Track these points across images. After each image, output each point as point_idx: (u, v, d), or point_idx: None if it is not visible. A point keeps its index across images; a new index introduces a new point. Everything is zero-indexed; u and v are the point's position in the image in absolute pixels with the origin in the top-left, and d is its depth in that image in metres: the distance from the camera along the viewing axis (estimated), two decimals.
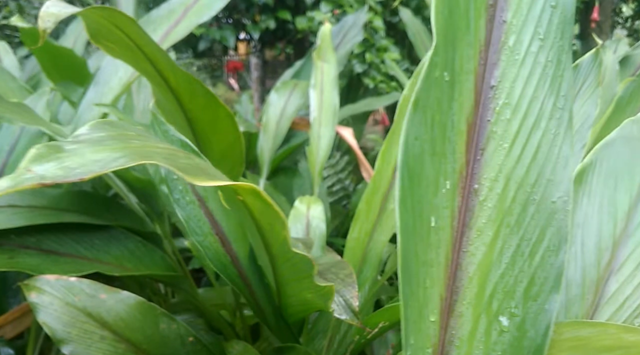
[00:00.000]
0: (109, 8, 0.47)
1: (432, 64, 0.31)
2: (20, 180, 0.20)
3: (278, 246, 0.36)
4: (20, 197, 0.80)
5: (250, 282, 0.55)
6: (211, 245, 0.53)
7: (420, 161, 0.29)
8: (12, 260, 0.72)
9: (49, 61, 1.27)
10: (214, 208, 0.53)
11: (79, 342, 0.70)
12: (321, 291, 0.40)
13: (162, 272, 0.92)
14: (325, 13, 2.36)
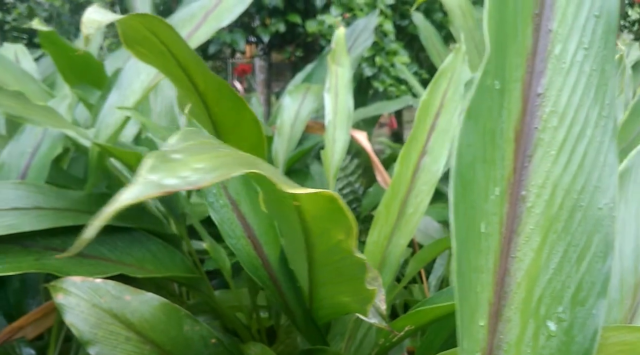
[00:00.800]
0: (149, 15, 0.48)
1: (485, 73, 0.31)
2: (146, 189, 0.20)
3: (324, 250, 0.37)
4: (45, 199, 0.81)
5: (280, 285, 0.55)
6: (244, 248, 0.53)
7: (472, 168, 0.30)
8: (38, 261, 0.73)
9: (67, 64, 1.28)
10: (246, 211, 0.54)
11: (105, 343, 0.70)
12: (362, 295, 0.40)
13: (182, 273, 0.93)
14: (336, 17, 2.37)
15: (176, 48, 0.54)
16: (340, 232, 0.32)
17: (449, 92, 0.90)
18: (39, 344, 1.01)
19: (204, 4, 1.03)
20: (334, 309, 0.50)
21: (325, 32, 2.41)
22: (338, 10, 2.40)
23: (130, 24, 0.49)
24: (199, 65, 0.57)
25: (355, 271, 0.37)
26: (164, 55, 0.59)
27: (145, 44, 0.56)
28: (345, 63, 1.41)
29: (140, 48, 0.57)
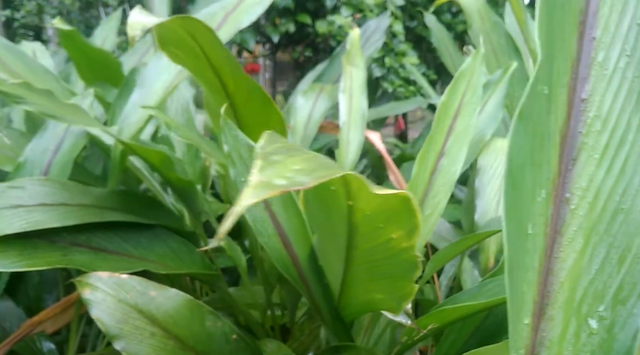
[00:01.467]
0: (190, 17, 0.49)
1: (536, 78, 0.32)
2: (264, 190, 0.21)
3: (368, 248, 0.38)
4: (70, 196, 0.82)
5: (308, 282, 0.56)
6: (275, 246, 0.54)
7: (521, 171, 0.31)
8: (65, 257, 0.74)
9: (85, 62, 1.29)
10: (277, 210, 0.55)
11: (130, 338, 0.71)
12: (401, 292, 0.41)
13: (201, 270, 0.94)
14: (346, 17, 2.38)
15: (212, 50, 0.55)
16: (397, 231, 0.33)
17: (467, 95, 0.91)
18: (58, 338, 1.02)
19: (224, 5, 1.04)
20: (364, 306, 0.51)
21: (335, 33, 2.42)
22: (348, 10, 2.41)
23: (169, 26, 0.50)
24: (233, 67, 0.58)
25: (404, 269, 0.38)
26: (197, 57, 0.60)
27: (180, 45, 0.57)
28: (360, 64, 1.42)
29: (175, 49, 0.59)
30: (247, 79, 0.62)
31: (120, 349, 0.71)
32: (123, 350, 0.71)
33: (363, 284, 0.45)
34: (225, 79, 0.64)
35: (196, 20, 0.50)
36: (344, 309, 0.54)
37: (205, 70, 0.63)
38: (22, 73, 0.97)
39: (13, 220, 0.71)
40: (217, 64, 0.60)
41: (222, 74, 0.63)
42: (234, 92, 0.67)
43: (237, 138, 0.57)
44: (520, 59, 1.08)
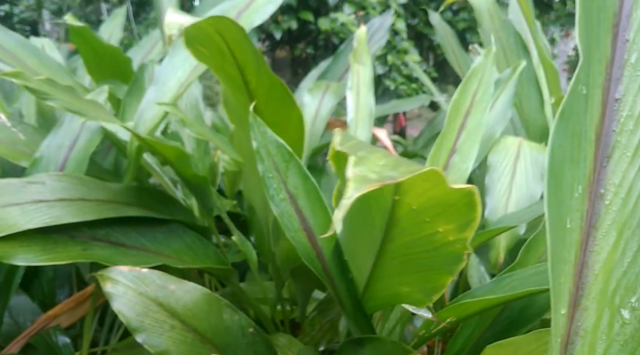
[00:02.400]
0: (223, 17, 0.50)
1: (577, 79, 0.34)
2: (365, 183, 0.23)
3: (406, 242, 0.39)
4: (88, 191, 0.83)
5: (332, 275, 0.58)
6: (301, 240, 0.56)
7: (561, 167, 0.32)
8: (85, 251, 0.75)
9: (94, 58, 1.30)
10: (303, 205, 0.56)
11: (151, 330, 0.73)
12: (433, 285, 0.43)
13: (215, 265, 0.95)
14: (349, 15, 2.39)
15: (239, 48, 0.56)
16: (446, 224, 0.34)
17: (479, 93, 0.92)
18: (72, 332, 1.03)
19: (236, 3, 1.05)
20: (389, 299, 0.53)
21: (337, 30, 2.44)
22: (351, 8, 2.42)
23: (199, 25, 0.51)
24: (259, 64, 0.59)
25: (445, 262, 0.39)
26: (222, 55, 0.61)
27: (206, 43, 0.58)
28: (367, 62, 1.43)
29: (201, 47, 0.60)
30: (270, 75, 0.63)
31: (141, 341, 0.72)
32: (144, 343, 0.72)
33: (392, 277, 0.46)
34: (248, 77, 0.65)
35: (228, 20, 0.51)
36: (368, 301, 0.56)
37: (229, 68, 0.64)
38: (37, 68, 0.97)
39: (35, 215, 0.72)
40: (241, 61, 0.61)
41: (246, 71, 0.64)
42: (256, 89, 0.68)
43: (266, 135, 0.58)
44: (528, 57, 1.10)
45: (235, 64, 0.62)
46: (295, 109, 0.70)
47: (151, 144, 0.83)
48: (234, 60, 0.61)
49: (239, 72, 0.65)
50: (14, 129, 0.96)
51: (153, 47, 1.74)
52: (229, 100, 0.76)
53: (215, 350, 0.78)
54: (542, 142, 1.12)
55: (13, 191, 0.74)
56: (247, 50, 0.57)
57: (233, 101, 0.76)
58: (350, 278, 0.56)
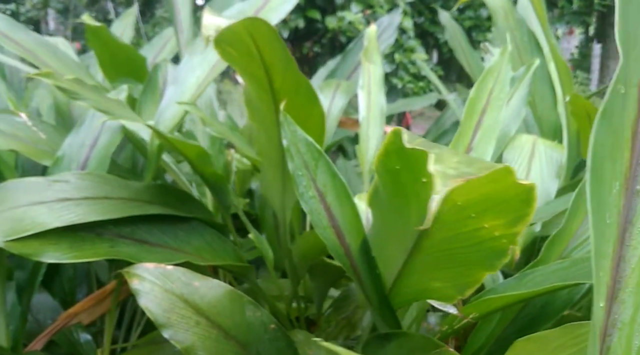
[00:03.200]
0: (258, 18, 0.51)
1: (617, 78, 0.35)
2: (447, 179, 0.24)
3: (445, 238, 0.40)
4: (111, 189, 0.84)
5: (359, 271, 0.59)
6: (329, 236, 0.57)
7: (602, 164, 0.34)
8: (112, 248, 0.77)
9: (109, 58, 1.31)
10: (331, 202, 0.57)
11: (177, 327, 0.74)
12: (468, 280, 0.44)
13: (234, 262, 0.97)
14: (356, 13, 2.40)
15: (268, 48, 0.57)
16: (494, 220, 0.35)
17: (494, 91, 0.93)
18: (92, 329, 1.04)
19: (253, 2, 1.06)
20: (418, 295, 0.54)
21: (345, 29, 2.44)
22: (358, 7, 2.43)
23: (233, 26, 0.52)
24: (287, 64, 0.60)
25: (487, 257, 0.40)
26: (250, 56, 0.62)
27: (236, 44, 0.59)
28: (378, 61, 1.44)
29: (229, 48, 0.61)
30: (297, 75, 0.64)
31: (168, 337, 0.73)
32: (171, 339, 0.73)
33: (424, 272, 0.47)
34: (274, 76, 0.66)
35: (262, 21, 0.53)
36: (395, 297, 0.57)
37: (255, 68, 0.65)
38: (57, 67, 0.98)
39: (62, 214, 0.73)
40: (269, 61, 0.62)
41: (272, 70, 0.65)
42: (280, 88, 0.69)
43: (296, 133, 0.60)
44: (542, 56, 1.11)
45: (262, 64, 0.64)
46: (318, 107, 0.71)
47: (173, 143, 0.84)
48: (261, 60, 0.63)
49: (265, 71, 0.66)
50: (35, 128, 0.97)
51: (164, 46, 1.76)
52: (251, 99, 0.77)
53: (238, 347, 0.80)
54: (555, 139, 1.13)
55: (39, 190, 0.76)
56: (276, 51, 0.58)
57: (255, 100, 0.77)
58: (378, 273, 0.57)
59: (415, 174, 0.34)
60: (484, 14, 3.12)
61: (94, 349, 0.96)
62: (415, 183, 0.35)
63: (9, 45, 0.95)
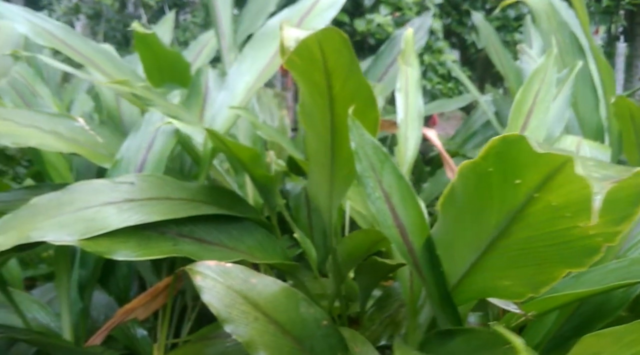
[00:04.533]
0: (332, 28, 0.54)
1: None
2: (597, 182, 0.26)
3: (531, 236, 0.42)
4: (172, 190, 0.88)
5: (421, 269, 0.61)
6: (394, 236, 0.59)
7: None
8: (175, 247, 0.80)
9: (155, 64, 1.35)
10: (396, 203, 0.60)
11: (238, 322, 0.77)
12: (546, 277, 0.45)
13: (283, 261, 1.00)
14: (385, 16, 2.41)
15: (334, 56, 0.60)
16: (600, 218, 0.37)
17: (541, 93, 0.94)
18: (145, 325, 1.08)
19: (299, 9, 1.09)
20: (483, 293, 0.56)
21: (374, 31, 2.46)
22: (387, 9, 2.44)
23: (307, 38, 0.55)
24: (349, 71, 0.63)
25: (577, 254, 0.42)
26: (313, 62, 0.65)
27: (302, 52, 0.62)
28: (415, 63, 1.45)
29: (294, 56, 0.63)
30: (359, 81, 0.66)
31: (230, 331, 0.76)
32: (232, 333, 0.76)
33: (495, 270, 0.49)
34: (334, 82, 0.69)
35: (335, 30, 0.55)
36: (458, 294, 0.59)
37: (316, 74, 0.68)
38: (112, 73, 1.03)
39: (130, 213, 0.77)
40: (332, 67, 0.65)
41: (333, 77, 0.67)
42: (338, 93, 0.71)
43: (364, 137, 0.62)
44: (584, 58, 1.11)
45: (324, 70, 0.66)
46: (374, 112, 0.73)
47: (229, 146, 0.88)
48: (324, 66, 0.65)
49: (326, 77, 0.68)
50: (92, 132, 1.01)
51: (201, 51, 1.80)
52: (305, 103, 0.79)
53: (294, 342, 0.82)
54: (597, 140, 1.13)
55: (107, 191, 0.80)
56: (342, 58, 0.61)
57: (310, 104, 0.80)
58: (441, 271, 0.59)
59: (508, 176, 0.36)
60: (512, 15, 3.11)
61: (150, 344, 0.99)
62: (505, 185, 0.38)
63: (67, 52, 1.00)
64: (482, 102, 1.94)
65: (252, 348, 0.76)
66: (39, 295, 1.14)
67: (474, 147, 2.15)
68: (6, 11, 0.97)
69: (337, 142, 0.84)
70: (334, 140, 0.84)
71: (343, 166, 0.89)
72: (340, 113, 0.77)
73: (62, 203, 0.74)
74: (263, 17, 1.64)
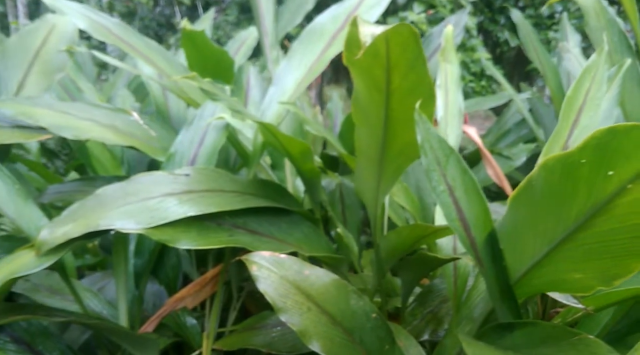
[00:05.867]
0: (404, 24, 0.55)
1: None
2: None
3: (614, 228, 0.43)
4: (225, 183, 0.90)
5: (483, 263, 0.62)
6: (458, 229, 0.60)
7: None
8: (231, 237, 0.83)
9: (199, 60, 1.38)
10: (459, 196, 0.61)
11: (293, 311, 0.79)
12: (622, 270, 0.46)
13: (328, 254, 1.01)
14: (418, 14, 2.41)
15: (400, 51, 0.61)
16: None
17: (591, 90, 0.94)
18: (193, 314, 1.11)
19: (346, 7, 1.11)
20: (549, 286, 0.56)
21: None
22: (420, 7, 2.44)
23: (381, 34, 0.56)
24: (411, 66, 0.64)
25: None
26: (375, 57, 0.66)
27: (368, 48, 0.63)
28: (454, 60, 1.46)
29: (357, 50, 0.65)
30: (420, 77, 0.67)
31: (285, 320, 0.78)
32: (287, 322, 0.78)
33: (567, 263, 0.50)
34: (393, 77, 0.70)
35: (405, 25, 0.56)
36: (520, 287, 0.59)
37: (376, 69, 0.69)
38: (167, 69, 1.06)
39: (190, 204, 0.80)
40: (394, 62, 0.66)
41: (394, 71, 0.68)
42: (397, 88, 0.72)
43: (429, 131, 0.63)
44: (633, 56, 1.10)
45: (386, 64, 0.67)
46: (430, 107, 0.74)
47: (282, 140, 0.90)
48: (387, 61, 0.66)
49: (386, 72, 0.69)
50: (145, 126, 1.05)
51: (239, 48, 1.83)
52: (359, 99, 0.81)
53: (344, 333, 0.84)
54: None
55: (167, 182, 0.83)
56: (408, 53, 0.62)
57: (365, 99, 0.81)
58: (503, 265, 0.60)
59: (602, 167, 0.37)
60: (545, 13, 3.07)
61: (199, 333, 1.02)
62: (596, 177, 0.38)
63: (124, 48, 1.03)
64: (517, 101, 1.93)
65: (306, 337, 0.78)
66: (88, 284, 1.18)
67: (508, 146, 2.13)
68: (66, 7, 1.01)
69: (388, 137, 0.86)
70: (385, 135, 0.85)
71: (392, 161, 0.90)
72: (396, 108, 0.78)
73: (127, 193, 0.77)
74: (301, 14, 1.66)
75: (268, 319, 1.07)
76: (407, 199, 1.16)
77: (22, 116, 0.92)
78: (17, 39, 1.12)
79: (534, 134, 1.96)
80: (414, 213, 1.15)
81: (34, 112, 0.93)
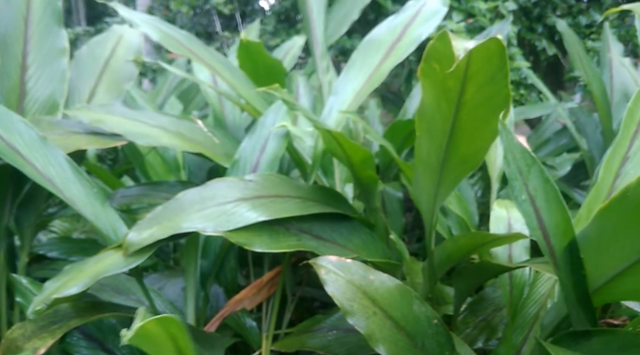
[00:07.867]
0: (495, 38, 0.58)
1: None
2: None
3: None
4: (290, 189, 0.93)
5: (560, 271, 0.63)
6: (538, 237, 0.62)
7: None
8: (300, 242, 0.86)
9: (252, 69, 1.43)
10: (540, 205, 0.62)
11: (359, 315, 0.81)
12: None
13: (385, 260, 1.03)
14: (458, 22, 2.42)
15: (481, 63, 0.63)
16: None
17: None
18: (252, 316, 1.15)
19: (402, 19, 1.13)
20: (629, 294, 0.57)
21: None
22: (460, 15, 2.45)
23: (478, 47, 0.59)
24: (490, 78, 0.66)
25: None
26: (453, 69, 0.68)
27: (443, 60, 0.66)
28: None
29: (435, 63, 0.67)
30: (498, 89, 0.69)
31: (352, 323, 0.80)
32: (355, 325, 0.81)
33: None
34: (468, 88, 0.72)
35: (496, 39, 0.58)
36: (598, 295, 0.60)
37: (450, 80, 0.71)
38: (230, 80, 1.10)
39: (262, 209, 0.83)
40: (471, 73, 0.68)
41: (469, 83, 0.70)
42: (469, 99, 0.74)
43: (512, 141, 0.65)
44: None
45: (462, 76, 0.69)
46: (496, 122, 0.75)
47: (345, 147, 0.92)
48: (464, 72, 0.68)
49: (461, 83, 0.71)
50: (209, 133, 1.09)
51: (284, 58, 1.88)
52: (425, 109, 0.83)
53: (407, 338, 0.86)
54: None
55: (239, 188, 0.86)
56: (489, 65, 0.64)
57: (432, 110, 0.83)
58: (583, 274, 0.61)
59: None
60: (583, 22, 3.04)
61: (258, 334, 1.05)
62: None
63: (193, 59, 1.08)
64: (560, 110, 1.92)
65: (373, 341, 0.80)
66: (149, 283, 1.23)
67: (547, 155, 2.12)
68: (139, 20, 1.07)
69: (452, 147, 0.87)
70: (449, 144, 0.87)
71: (453, 170, 0.92)
72: (465, 118, 0.80)
73: (204, 198, 0.80)
74: (347, 24, 1.70)
75: (322, 322, 1.10)
76: (461, 207, 1.17)
77: (97, 123, 0.98)
78: (87, 49, 1.18)
79: (574, 143, 1.95)
80: (467, 221, 1.16)
81: (109, 120, 0.98)
